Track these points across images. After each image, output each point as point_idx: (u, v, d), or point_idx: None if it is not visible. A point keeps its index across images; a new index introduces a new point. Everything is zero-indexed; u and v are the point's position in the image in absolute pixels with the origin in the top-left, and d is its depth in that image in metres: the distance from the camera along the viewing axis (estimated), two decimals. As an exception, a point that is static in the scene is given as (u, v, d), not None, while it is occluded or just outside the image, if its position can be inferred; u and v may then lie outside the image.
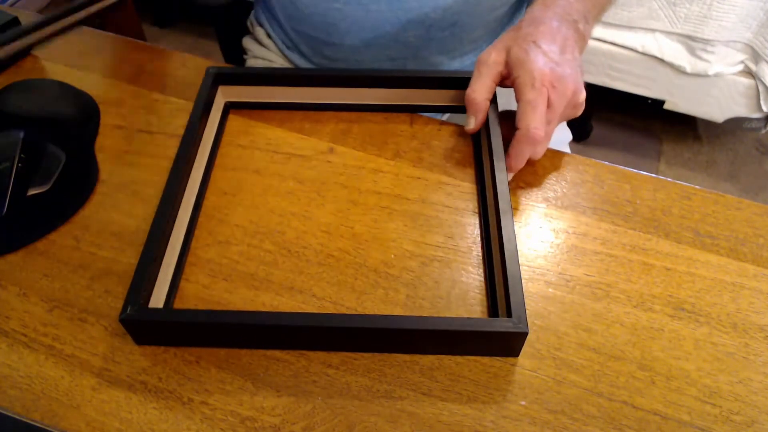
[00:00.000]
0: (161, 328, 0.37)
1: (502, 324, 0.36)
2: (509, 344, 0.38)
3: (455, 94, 0.52)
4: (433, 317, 0.39)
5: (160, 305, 0.39)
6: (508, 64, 0.46)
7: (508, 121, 0.46)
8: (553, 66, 0.44)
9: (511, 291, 0.37)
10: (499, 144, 0.45)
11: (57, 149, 0.48)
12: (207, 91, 0.49)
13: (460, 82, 0.50)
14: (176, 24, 1.92)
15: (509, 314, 0.37)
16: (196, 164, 0.46)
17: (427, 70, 0.61)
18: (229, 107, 0.53)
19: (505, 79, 0.48)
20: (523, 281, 0.42)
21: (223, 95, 0.52)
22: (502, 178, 0.43)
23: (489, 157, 0.46)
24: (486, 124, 0.48)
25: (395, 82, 0.51)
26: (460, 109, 0.50)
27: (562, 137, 0.69)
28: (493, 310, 0.40)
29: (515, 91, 0.45)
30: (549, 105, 0.44)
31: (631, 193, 0.48)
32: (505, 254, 0.39)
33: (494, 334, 0.37)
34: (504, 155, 0.45)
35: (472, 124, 0.49)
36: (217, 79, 0.51)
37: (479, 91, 0.47)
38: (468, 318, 0.40)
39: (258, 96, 0.53)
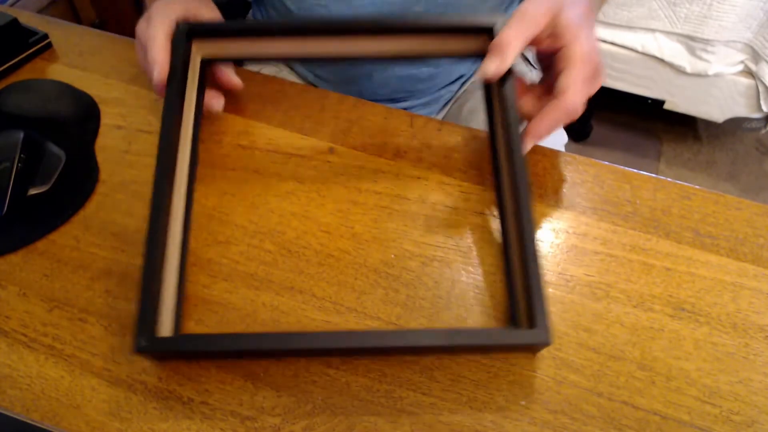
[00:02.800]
0: (176, 353, 0.38)
1: (525, 336, 0.37)
2: (531, 349, 0.39)
3: (471, 41, 0.47)
4: (459, 330, 0.38)
5: (170, 326, 0.38)
6: (552, 27, 0.43)
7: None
8: (594, 49, 0.43)
9: (533, 298, 0.37)
10: (514, 109, 0.42)
11: (57, 149, 0.48)
12: (182, 49, 0.45)
13: (475, 30, 0.45)
14: (176, 24, 1.92)
15: (531, 322, 0.37)
16: (182, 140, 0.44)
17: (433, 15, 0.54)
18: (205, 64, 0.49)
19: (539, 43, 0.44)
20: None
21: (199, 51, 0.48)
22: (519, 153, 0.41)
23: (503, 118, 0.43)
24: (500, 84, 0.44)
25: (395, 30, 0.46)
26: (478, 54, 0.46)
27: (558, 139, 0.69)
28: (512, 313, 0.40)
29: (558, 59, 0.43)
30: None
31: (631, 193, 0.48)
32: (526, 253, 0.38)
33: (518, 345, 0.37)
34: (516, 124, 0.42)
35: (493, 67, 0.42)
36: (190, 34, 0.46)
37: (516, 38, 0.42)
38: (493, 330, 0.39)
39: (236, 49, 0.48)
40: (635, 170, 0.49)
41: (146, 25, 0.47)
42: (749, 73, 1.39)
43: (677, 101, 1.49)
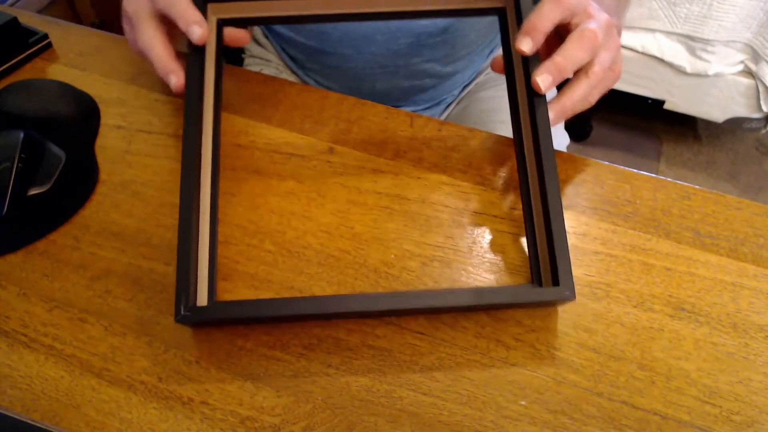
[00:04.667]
0: (213, 321, 0.39)
1: (550, 293, 0.38)
2: (551, 304, 0.40)
3: None
4: (485, 290, 0.39)
5: (205, 296, 0.40)
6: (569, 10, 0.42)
7: None
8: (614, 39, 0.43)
9: (558, 254, 0.38)
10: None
11: (57, 149, 0.48)
12: (201, 11, 0.44)
13: None
14: (176, 24, 1.92)
15: (555, 279, 0.38)
16: (205, 108, 0.44)
17: None
18: (222, 25, 0.48)
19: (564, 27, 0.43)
20: (523, 281, 0.42)
21: (213, 13, 0.47)
22: (544, 118, 0.41)
23: (528, 98, 0.43)
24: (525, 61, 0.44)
25: None
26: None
27: (559, 141, 0.69)
28: (535, 270, 0.41)
29: (571, 34, 0.41)
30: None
31: (631, 193, 0.48)
32: (550, 215, 0.39)
33: (542, 302, 0.39)
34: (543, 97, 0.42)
35: (528, 44, 0.41)
36: None
37: (546, 18, 0.41)
38: (518, 288, 0.41)
39: (253, 10, 0.47)
40: (635, 170, 0.49)
41: None
42: (749, 73, 1.39)
43: (677, 101, 1.49)
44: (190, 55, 0.44)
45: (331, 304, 0.38)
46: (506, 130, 0.63)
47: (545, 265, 0.40)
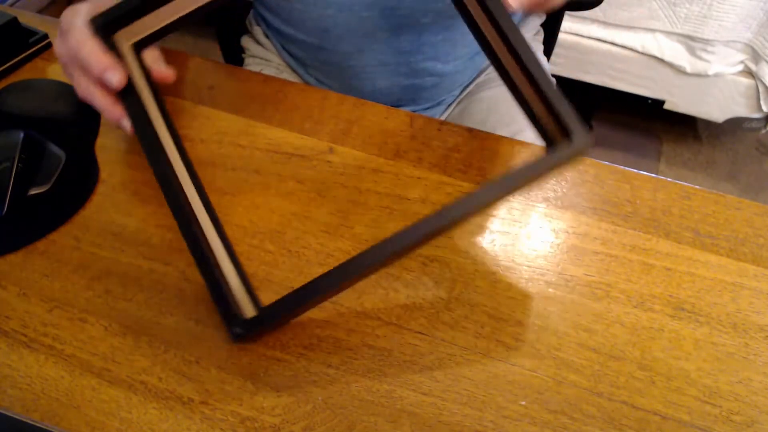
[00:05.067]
0: (270, 327, 0.38)
1: (570, 148, 0.35)
2: (579, 155, 0.36)
3: None
4: (511, 176, 0.35)
5: (250, 305, 0.38)
6: None
7: None
8: None
9: (556, 107, 0.35)
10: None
11: (57, 149, 0.48)
12: (109, 45, 0.41)
13: None
14: (176, 24, 1.92)
15: (566, 133, 0.35)
16: (162, 136, 0.41)
17: None
18: (139, 48, 0.44)
19: None
20: (523, 281, 0.42)
21: (125, 39, 0.43)
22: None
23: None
24: None
25: None
26: None
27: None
28: (545, 135, 0.38)
29: None
30: None
31: (631, 193, 0.48)
32: (531, 71, 0.36)
33: (568, 160, 0.35)
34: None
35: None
36: (111, 26, 0.41)
37: None
38: (541, 160, 0.36)
39: (158, 21, 0.44)
40: (635, 170, 0.49)
41: (64, 38, 0.42)
42: (749, 73, 1.39)
43: (677, 101, 1.49)
44: (123, 97, 0.41)
45: (376, 252, 0.35)
46: (506, 130, 0.63)
47: (550, 123, 0.37)
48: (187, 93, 0.55)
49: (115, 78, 0.40)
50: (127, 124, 0.41)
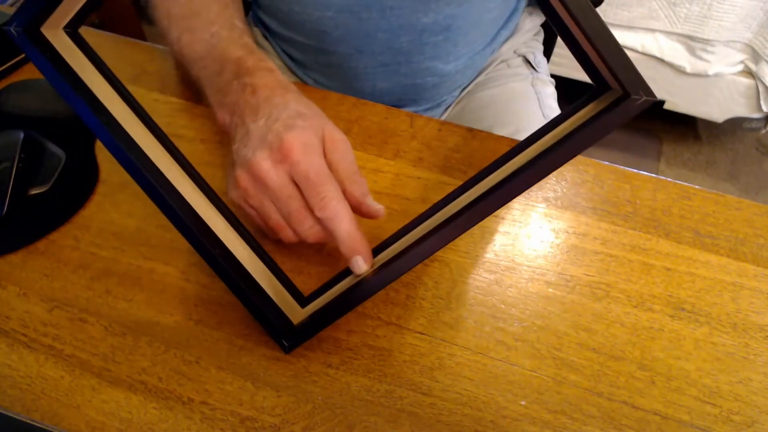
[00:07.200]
0: (317, 329, 0.37)
1: (626, 105, 0.33)
2: (633, 111, 0.35)
3: None
4: (568, 138, 0.34)
5: (298, 309, 0.38)
6: None
7: None
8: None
9: (606, 57, 0.33)
10: None
11: (57, 149, 0.48)
12: (46, 50, 0.37)
13: None
14: (176, 24, 1.92)
15: (619, 82, 0.33)
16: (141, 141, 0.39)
17: None
18: (72, 32, 0.40)
19: None
20: (523, 281, 0.42)
21: (53, 30, 0.39)
22: None
23: None
24: None
25: None
26: None
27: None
28: (598, 80, 0.37)
29: None
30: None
31: (631, 193, 0.48)
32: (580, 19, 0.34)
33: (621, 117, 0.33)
34: None
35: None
36: (34, 29, 0.37)
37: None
38: (601, 119, 0.34)
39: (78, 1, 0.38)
40: (635, 170, 0.49)
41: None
42: (749, 73, 1.39)
43: (677, 101, 1.49)
44: (75, 89, 0.38)
45: (406, 258, 0.34)
46: (506, 130, 0.63)
47: (607, 72, 0.35)
48: (187, 93, 0.55)
49: (364, 268, 0.37)
50: (361, 263, 0.37)
